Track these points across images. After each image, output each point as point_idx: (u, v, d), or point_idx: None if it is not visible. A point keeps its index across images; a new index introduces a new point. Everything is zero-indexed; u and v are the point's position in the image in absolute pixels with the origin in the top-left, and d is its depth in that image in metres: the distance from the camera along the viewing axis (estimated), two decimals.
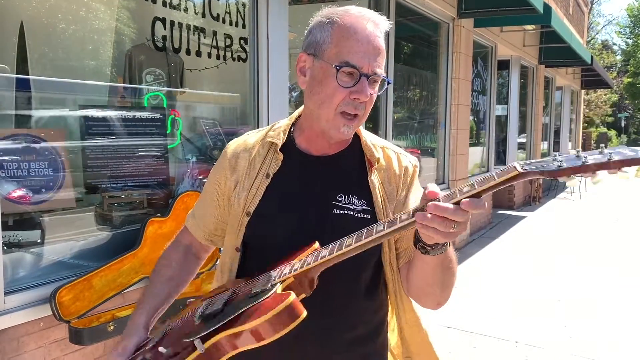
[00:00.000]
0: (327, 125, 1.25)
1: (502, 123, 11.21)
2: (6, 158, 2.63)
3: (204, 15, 3.68)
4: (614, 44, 46.82)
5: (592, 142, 30.88)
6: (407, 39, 7.38)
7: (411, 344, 1.43)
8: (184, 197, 3.19)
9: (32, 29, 2.97)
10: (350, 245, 1.07)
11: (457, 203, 0.98)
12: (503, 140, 11.19)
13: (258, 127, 3.88)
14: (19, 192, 2.69)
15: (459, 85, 7.38)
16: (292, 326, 1.02)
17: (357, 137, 1.37)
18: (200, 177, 3.82)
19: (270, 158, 1.34)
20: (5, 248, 2.54)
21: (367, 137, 1.38)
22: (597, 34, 48.18)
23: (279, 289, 1.08)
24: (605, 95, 36.74)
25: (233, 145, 1.41)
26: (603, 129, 37.43)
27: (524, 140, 12.80)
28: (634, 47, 35.55)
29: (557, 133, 17.06)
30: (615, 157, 0.92)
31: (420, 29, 7.20)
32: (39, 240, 2.79)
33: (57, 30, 3.16)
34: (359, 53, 1.19)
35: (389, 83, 1.31)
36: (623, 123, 42.75)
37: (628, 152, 0.93)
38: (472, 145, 8.73)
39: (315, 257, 1.11)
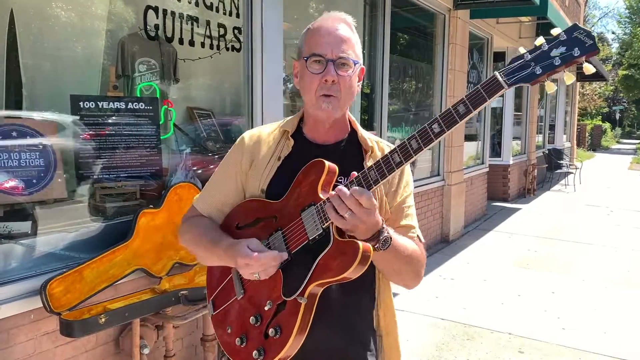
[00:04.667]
0: (313, 109, 1.50)
1: (497, 115, 11.20)
2: None
3: (197, 4, 3.64)
4: (613, 33, 46.80)
5: (587, 134, 30.92)
6: (403, 30, 7.33)
7: (385, 323, 1.61)
8: (176, 189, 3.16)
9: (22, 17, 2.92)
10: (393, 167, 1.29)
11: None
12: (498, 133, 11.19)
13: (252, 118, 3.89)
14: (10, 183, 2.66)
15: (454, 77, 7.35)
16: (366, 267, 1.29)
17: (354, 132, 1.60)
18: (194, 168, 3.79)
19: (283, 143, 1.57)
20: None
21: (363, 132, 1.61)
22: (593, 26, 48.16)
23: (334, 229, 1.33)
24: (600, 88, 36.80)
25: (249, 133, 1.63)
26: (598, 121, 37.52)
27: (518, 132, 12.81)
28: (632, 38, 35.50)
29: (552, 126, 17.07)
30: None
31: (416, 20, 7.16)
32: (29, 232, 2.76)
33: (49, 18, 3.11)
34: (322, 44, 1.44)
35: (355, 64, 1.47)
36: (618, 116, 42.88)
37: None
38: (467, 138, 8.72)
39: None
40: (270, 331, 1.36)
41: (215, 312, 1.58)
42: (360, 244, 1.28)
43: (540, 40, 1.18)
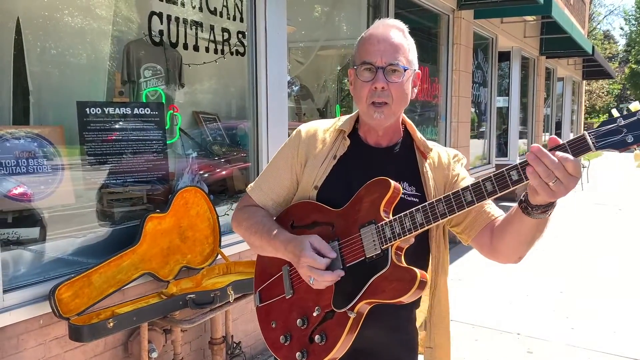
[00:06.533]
0: (365, 117, 1.53)
1: (503, 115, 11.16)
2: (5, 155, 2.61)
3: (201, 9, 3.66)
4: (621, 29, 46.51)
5: None
6: (409, 32, 7.32)
7: (436, 333, 1.64)
8: (183, 193, 3.18)
9: (28, 25, 2.95)
10: (463, 205, 1.28)
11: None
12: (504, 132, 11.15)
13: (257, 121, 3.90)
14: (18, 190, 2.68)
15: (459, 77, 7.34)
16: (422, 293, 1.31)
17: (407, 134, 1.61)
18: (201, 172, 3.81)
19: (339, 143, 1.58)
20: (4, 245, 2.54)
21: (420, 135, 1.61)
22: (598, 24, 47.91)
23: (392, 253, 1.34)
24: (608, 85, 36.58)
25: (306, 127, 1.64)
26: (604, 119, 37.27)
27: (525, 131, 12.75)
28: (638, 36, 35.27)
29: (558, 124, 17.00)
30: None
31: (420, 20, 7.16)
32: (38, 237, 2.78)
33: (54, 25, 3.14)
34: (372, 52, 1.45)
35: (405, 70, 1.46)
36: (624, 112, 42.57)
37: None
38: (473, 137, 8.70)
39: (412, 221, 1.33)
40: (317, 337, 1.40)
41: (261, 304, 1.61)
42: (418, 272, 1.29)
43: (637, 105, 1.14)
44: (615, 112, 1.16)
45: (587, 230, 8.30)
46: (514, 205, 1.36)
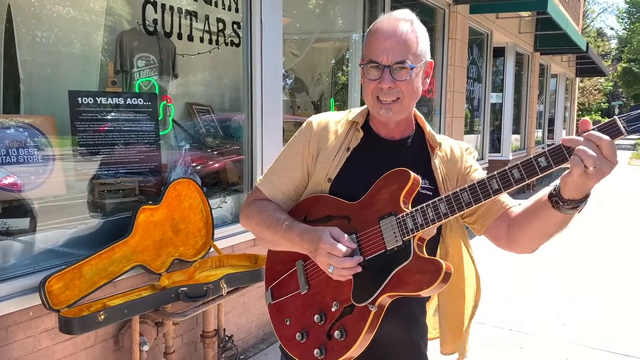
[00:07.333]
0: (373, 111, 1.50)
1: (496, 111, 11.18)
2: None
3: None
4: (612, 29, 46.72)
5: None
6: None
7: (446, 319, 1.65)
8: (176, 185, 3.15)
9: (20, 12, 2.90)
10: (490, 193, 1.25)
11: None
12: (497, 128, 11.17)
13: (251, 113, 3.87)
14: (8, 180, 2.64)
15: (454, 72, 7.33)
16: (446, 285, 1.26)
17: (419, 128, 1.59)
18: (194, 164, 3.78)
19: (352, 134, 1.55)
20: None
21: (430, 128, 1.60)
22: (592, 21, 48.09)
23: (415, 245, 1.31)
24: (600, 83, 36.74)
25: (317, 119, 1.60)
26: (597, 117, 37.49)
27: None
28: (630, 34, 35.45)
29: (551, 121, 17.05)
30: None
31: (416, 15, 7.13)
32: (28, 228, 2.74)
33: (46, 13, 3.09)
34: (378, 50, 1.42)
35: (412, 68, 1.42)
36: (617, 111, 42.84)
37: None
38: (466, 132, 8.70)
39: (435, 211, 1.30)
40: (336, 333, 1.35)
41: (273, 302, 1.56)
42: (444, 263, 1.26)
43: None
44: None
45: (577, 225, 8.31)
46: (535, 197, 1.34)
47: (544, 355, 3.92)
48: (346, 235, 1.37)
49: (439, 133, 6.93)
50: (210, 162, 4.10)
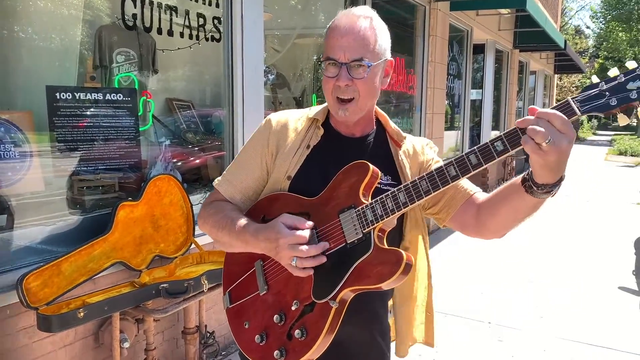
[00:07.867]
0: (332, 110, 1.49)
1: (476, 107, 11.28)
2: None
3: None
4: (588, 27, 47.33)
5: None
6: (383, 22, 7.32)
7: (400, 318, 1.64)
8: (156, 181, 3.13)
9: None
10: (447, 180, 1.24)
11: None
12: (477, 124, 11.27)
13: (232, 109, 3.86)
14: None
15: (434, 69, 7.37)
16: (407, 277, 1.25)
17: (380, 125, 1.59)
18: (174, 160, 3.75)
19: (312, 132, 1.54)
20: None
21: (394, 125, 1.60)
22: (570, 19, 48.67)
23: (375, 237, 1.29)
24: (578, 80, 37.25)
25: (276, 117, 1.58)
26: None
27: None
28: (606, 32, 36.02)
29: None
30: None
31: (397, 11, 7.16)
32: (5, 225, 2.70)
33: (24, 7, 3.04)
34: (335, 47, 1.40)
35: (369, 66, 1.40)
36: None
37: None
38: (446, 129, 8.76)
39: (395, 201, 1.29)
40: (296, 332, 1.32)
41: (231, 305, 1.53)
42: (404, 254, 1.24)
43: (615, 71, 1.15)
44: (595, 79, 1.16)
45: (556, 220, 8.46)
46: (508, 182, 1.34)
47: (524, 347, 3.99)
48: (299, 218, 1.35)
49: (420, 129, 6.91)
50: (191, 158, 4.08)
